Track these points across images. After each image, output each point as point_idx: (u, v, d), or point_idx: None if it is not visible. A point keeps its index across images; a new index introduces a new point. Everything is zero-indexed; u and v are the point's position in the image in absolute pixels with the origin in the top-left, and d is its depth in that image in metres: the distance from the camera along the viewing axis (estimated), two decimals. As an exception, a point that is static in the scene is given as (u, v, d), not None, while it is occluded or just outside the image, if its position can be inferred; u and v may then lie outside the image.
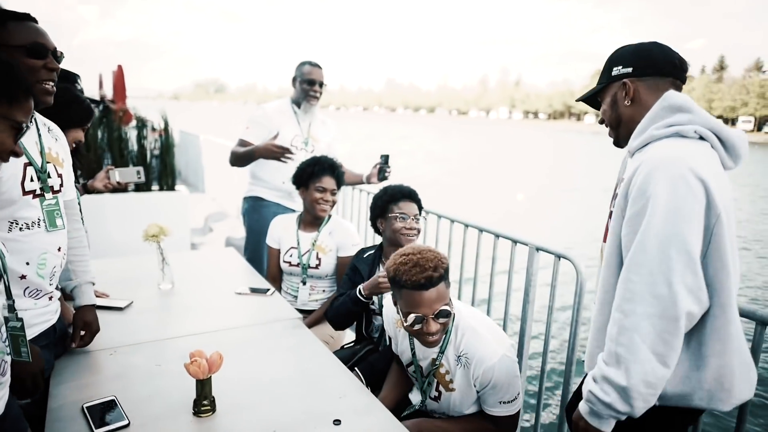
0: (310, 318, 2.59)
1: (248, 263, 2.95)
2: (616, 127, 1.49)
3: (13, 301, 1.25)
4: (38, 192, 1.51)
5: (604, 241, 1.45)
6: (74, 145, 2.01)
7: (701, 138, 1.32)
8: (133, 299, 2.26)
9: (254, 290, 2.43)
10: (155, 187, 5.50)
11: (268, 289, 2.44)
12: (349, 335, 2.73)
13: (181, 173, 10.71)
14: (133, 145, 5.37)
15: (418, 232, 2.37)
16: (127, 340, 1.90)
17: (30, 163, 1.48)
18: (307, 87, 3.23)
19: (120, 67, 12.67)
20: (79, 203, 1.86)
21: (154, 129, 5.71)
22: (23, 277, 1.46)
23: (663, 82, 1.41)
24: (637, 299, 1.24)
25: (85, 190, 2.70)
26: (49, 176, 1.54)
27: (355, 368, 2.10)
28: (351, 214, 4.39)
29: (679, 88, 1.42)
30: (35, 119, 1.57)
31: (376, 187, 3.27)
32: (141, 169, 2.50)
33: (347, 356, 2.25)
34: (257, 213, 3.26)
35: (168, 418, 1.44)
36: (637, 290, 1.25)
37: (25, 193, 1.46)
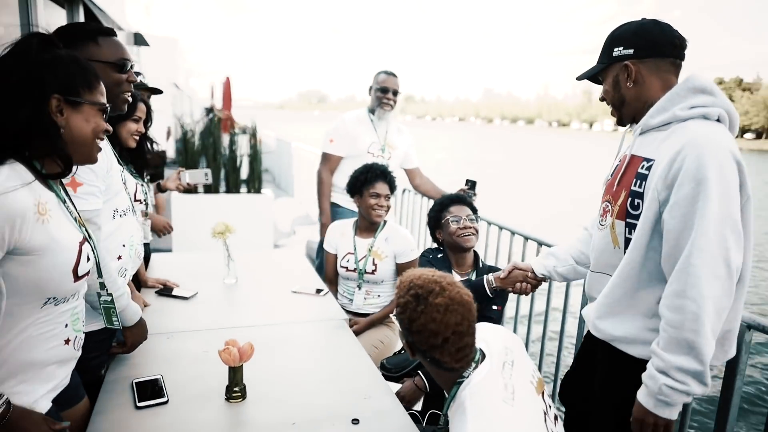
0: (365, 321, 2.64)
1: (311, 265, 3.08)
2: (619, 107, 1.55)
3: (104, 279, 1.44)
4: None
5: (613, 215, 1.51)
6: (136, 138, 2.21)
7: (718, 120, 1.38)
8: (198, 290, 2.45)
9: (309, 290, 2.54)
10: (243, 189, 5.88)
11: (322, 290, 2.54)
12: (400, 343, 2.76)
13: (275, 177, 11.34)
14: (225, 150, 5.79)
15: (476, 231, 2.43)
16: (184, 327, 2.07)
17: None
18: (381, 95, 3.34)
19: (228, 79, 13.68)
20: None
21: (254, 136, 6.12)
22: (120, 257, 1.67)
23: (664, 63, 1.46)
24: (702, 283, 1.28)
25: (159, 189, 2.97)
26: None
27: (419, 372, 2.09)
28: (406, 218, 4.47)
29: (679, 67, 1.47)
30: None
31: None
32: (209, 171, 2.72)
33: (400, 361, 2.27)
34: (333, 218, 3.40)
35: (203, 399, 1.56)
36: (701, 274, 1.28)
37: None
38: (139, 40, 10.46)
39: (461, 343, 1.27)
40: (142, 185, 2.29)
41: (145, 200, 2.32)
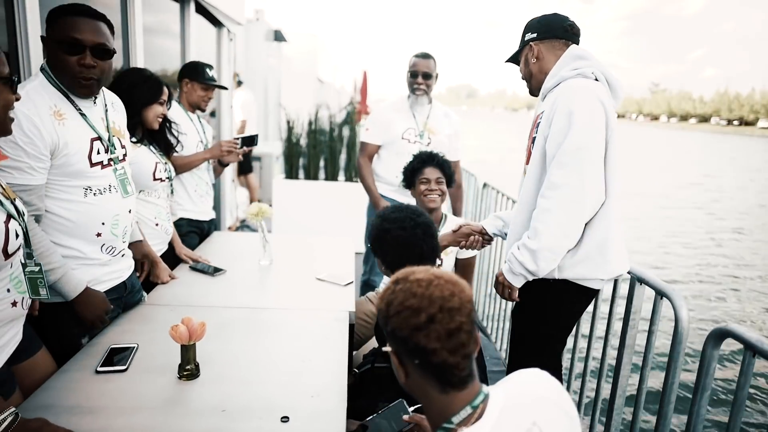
0: None
1: (355, 254, 3.00)
2: (528, 80, 1.92)
3: (32, 249, 1.50)
4: (106, 163, 1.75)
5: (527, 163, 1.86)
6: (159, 120, 2.32)
7: (596, 80, 1.76)
8: (231, 269, 2.52)
9: (334, 279, 2.47)
10: (341, 177, 6.01)
11: (350, 281, 2.45)
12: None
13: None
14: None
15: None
16: (190, 301, 2.13)
17: (98, 138, 1.73)
18: (411, 80, 3.20)
19: (365, 73, 14.14)
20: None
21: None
22: (99, 234, 1.74)
23: (558, 43, 1.85)
24: (555, 188, 1.67)
25: (220, 164, 3.12)
26: (115, 148, 1.80)
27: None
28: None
29: (568, 45, 1.84)
30: (103, 96, 1.82)
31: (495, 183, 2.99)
32: (257, 135, 2.94)
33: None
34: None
35: (159, 373, 1.57)
36: (557, 182, 1.67)
37: (92, 164, 1.70)
38: (278, 36, 11.25)
39: (453, 323, 0.96)
40: (165, 164, 2.41)
41: (169, 178, 2.43)
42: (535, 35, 1.86)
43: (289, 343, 1.84)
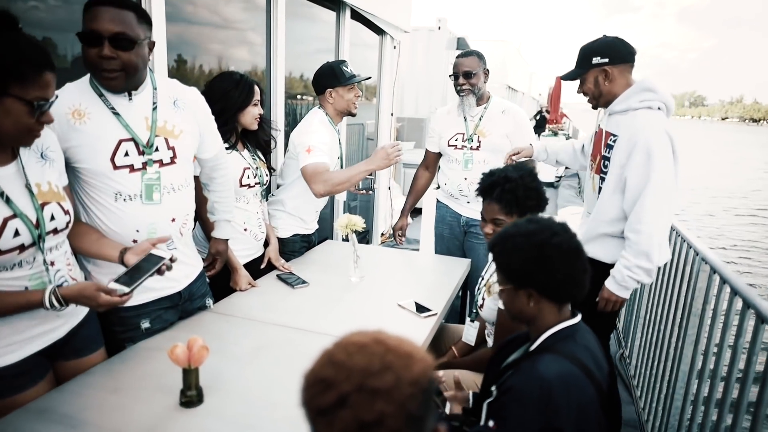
0: (471, 358, 2.10)
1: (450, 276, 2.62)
2: (598, 98, 2.19)
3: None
4: (139, 166, 1.62)
5: (597, 172, 2.22)
6: (257, 120, 2.26)
7: (659, 109, 2.10)
8: (317, 283, 2.37)
9: (418, 308, 2.14)
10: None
11: (431, 312, 2.10)
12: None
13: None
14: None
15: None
16: (253, 314, 2.03)
17: (131, 139, 1.61)
18: (454, 81, 2.97)
19: (557, 79, 13.27)
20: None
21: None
22: (134, 241, 1.66)
23: (626, 66, 2.14)
24: (652, 217, 2.00)
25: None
26: (156, 150, 1.66)
27: None
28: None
29: (633, 67, 2.15)
30: (152, 92, 1.67)
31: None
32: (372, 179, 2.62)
33: None
34: (438, 216, 3.27)
35: (166, 392, 1.45)
36: (652, 210, 2.00)
37: (117, 167, 1.58)
38: (461, 44, 11.10)
39: (370, 413, 0.65)
40: (257, 169, 2.34)
41: (259, 183, 2.35)
42: (607, 60, 2.09)
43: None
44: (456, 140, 3.02)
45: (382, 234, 5.94)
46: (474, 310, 2.12)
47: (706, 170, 22.00)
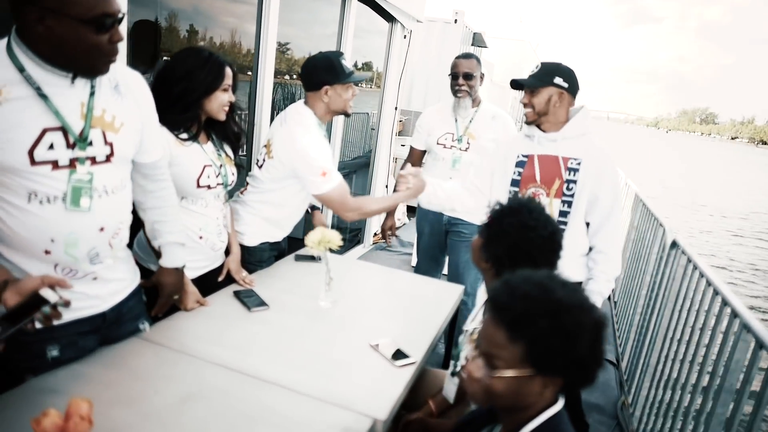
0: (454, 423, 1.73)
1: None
2: (541, 115, 2.15)
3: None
4: (66, 163, 1.29)
5: (556, 196, 2.19)
6: (226, 109, 1.89)
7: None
8: (279, 306, 2.00)
9: (396, 354, 1.77)
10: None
11: (408, 361, 1.73)
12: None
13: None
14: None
15: None
16: (191, 345, 1.65)
17: (60, 128, 1.28)
18: (453, 81, 2.96)
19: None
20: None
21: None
22: (47, 252, 1.33)
23: (572, 101, 2.18)
24: (619, 231, 2.29)
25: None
26: (90, 144, 1.32)
27: None
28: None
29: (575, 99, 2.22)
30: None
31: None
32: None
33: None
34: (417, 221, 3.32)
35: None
36: (619, 225, 2.23)
37: (35, 163, 1.25)
38: (477, 40, 10.63)
39: None
40: (221, 167, 1.96)
41: (222, 184, 1.98)
42: (567, 86, 2.11)
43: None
44: (446, 139, 3.04)
45: (375, 234, 5.60)
46: (455, 365, 1.74)
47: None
